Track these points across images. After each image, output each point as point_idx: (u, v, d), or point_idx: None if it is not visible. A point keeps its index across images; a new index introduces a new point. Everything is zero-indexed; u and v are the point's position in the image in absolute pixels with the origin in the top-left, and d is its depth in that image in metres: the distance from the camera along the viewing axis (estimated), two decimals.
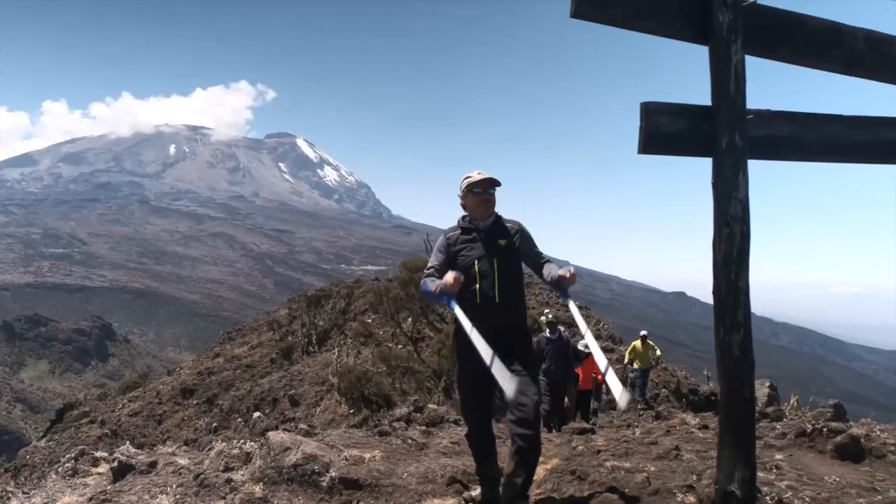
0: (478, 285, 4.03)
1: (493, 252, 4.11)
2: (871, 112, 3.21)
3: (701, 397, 18.26)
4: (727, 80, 2.91)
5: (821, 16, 3.11)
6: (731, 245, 2.89)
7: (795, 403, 13.55)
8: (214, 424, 21.34)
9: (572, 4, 2.80)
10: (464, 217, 4.30)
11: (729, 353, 2.88)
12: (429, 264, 4.23)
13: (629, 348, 17.24)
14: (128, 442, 7.96)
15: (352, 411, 16.32)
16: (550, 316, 12.09)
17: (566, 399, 10.61)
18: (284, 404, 21.34)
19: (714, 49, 2.94)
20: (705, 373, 22.33)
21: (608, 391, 12.27)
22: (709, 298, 3.05)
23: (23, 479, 15.22)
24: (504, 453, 4.08)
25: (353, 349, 21.88)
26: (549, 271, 4.22)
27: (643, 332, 16.96)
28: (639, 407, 15.10)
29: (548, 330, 10.77)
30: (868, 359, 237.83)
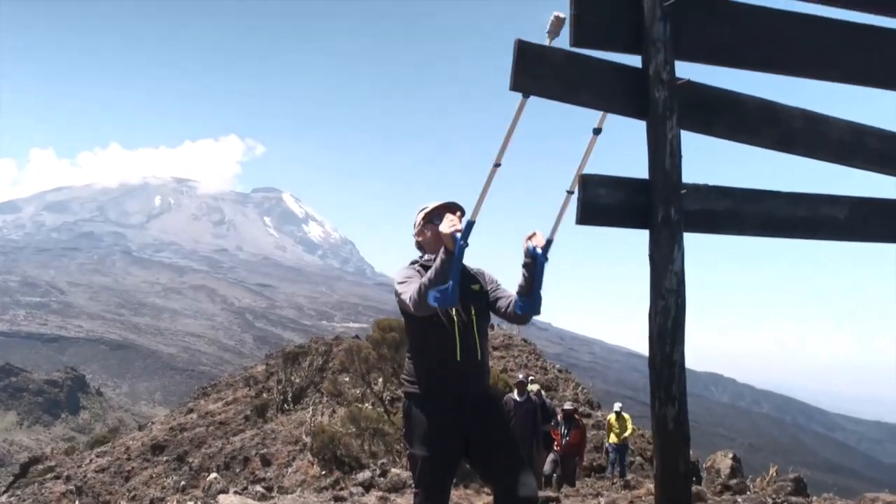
0: (458, 340, 3.30)
1: (469, 298, 3.38)
2: (804, 187, 3.29)
3: None
4: (663, 155, 2.97)
5: (757, 94, 3.20)
6: (665, 317, 2.90)
7: (775, 474, 13.39)
8: (182, 483, 20.83)
9: (511, 77, 2.87)
10: (420, 258, 3.57)
11: (664, 427, 2.87)
12: (400, 280, 3.40)
13: (607, 426, 16.30)
14: (77, 502, 7.74)
15: (324, 472, 15.97)
16: (522, 377, 11.87)
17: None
18: (256, 463, 20.88)
19: (651, 124, 3.02)
20: None
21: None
22: (691, 365, 3.00)
23: None
24: None
25: (327, 408, 21.57)
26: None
27: (617, 406, 16.23)
28: (615, 483, 14.79)
29: (516, 391, 10.53)
30: (850, 429, 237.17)
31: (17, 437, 69.38)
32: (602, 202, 2.96)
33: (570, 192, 3.10)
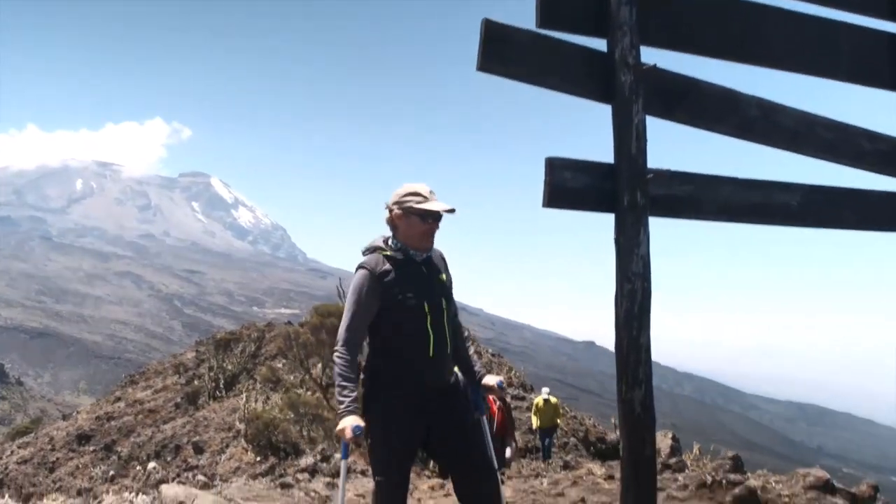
0: (431, 334, 3.27)
1: (439, 290, 3.37)
2: (760, 174, 3.35)
3: (609, 445, 18.51)
4: (629, 140, 2.98)
5: (720, 82, 3.24)
6: (632, 301, 2.92)
7: (697, 452, 13.89)
8: (111, 473, 20.20)
9: (478, 58, 2.83)
10: (387, 240, 3.41)
11: (631, 411, 2.89)
12: (344, 324, 3.28)
13: (533, 407, 16.64)
14: (7, 495, 7.43)
15: (258, 459, 15.74)
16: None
17: None
18: (188, 451, 20.42)
19: (616, 109, 3.02)
20: (613, 421, 22.69)
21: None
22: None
23: None
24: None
25: (261, 395, 21.24)
26: (469, 361, 3.60)
27: (545, 391, 16.43)
28: (551, 463, 14.95)
29: None
30: (764, 408, 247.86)
31: None
32: (568, 185, 2.94)
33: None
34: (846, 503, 5.21)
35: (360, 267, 3.33)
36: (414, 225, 3.30)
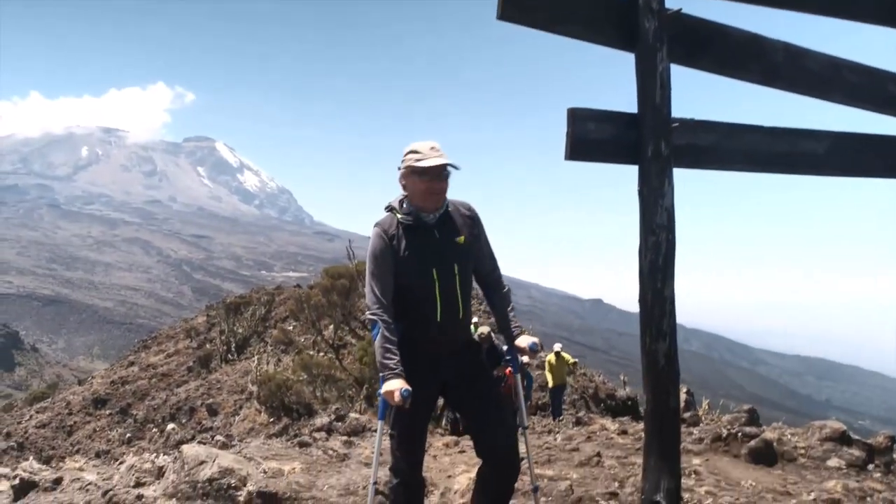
0: (438, 301, 3.19)
1: (452, 255, 3.25)
2: (785, 123, 3.26)
3: (618, 402, 18.60)
4: (653, 89, 2.90)
5: (744, 27, 3.15)
6: (657, 253, 2.88)
7: (706, 407, 13.97)
8: (128, 435, 20.54)
9: (498, 7, 2.74)
10: (402, 201, 3.33)
11: (655, 363, 2.87)
12: (369, 291, 3.22)
13: (546, 363, 16.16)
14: (31, 457, 7.55)
15: (272, 420, 15.95)
16: (486, 330, 10.38)
17: None
18: (202, 414, 20.72)
19: (640, 56, 2.94)
20: (622, 377, 22.78)
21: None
22: (624, 305, 2.99)
23: None
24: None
25: (273, 357, 21.44)
26: (506, 320, 3.48)
27: (557, 347, 15.91)
28: (561, 420, 14.76)
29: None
30: (772, 363, 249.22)
31: None
32: (591, 137, 2.88)
33: None
34: (863, 454, 5.21)
35: (375, 226, 3.30)
36: (415, 184, 3.21)
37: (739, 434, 5.60)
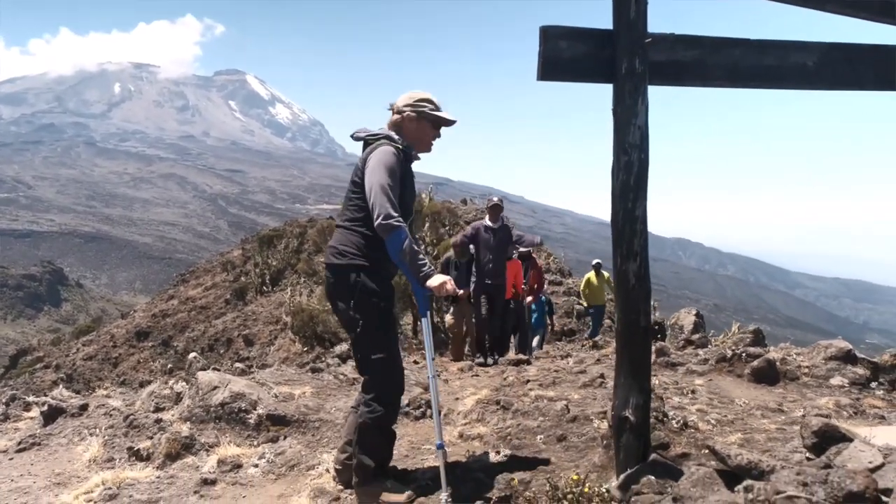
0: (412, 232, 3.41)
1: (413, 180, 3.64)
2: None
3: None
4: (627, 3, 2.83)
5: None
6: (628, 173, 2.85)
7: (736, 330, 13.87)
8: (170, 366, 21.27)
9: None
10: (401, 143, 3.50)
11: (625, 282, 2.88)
12: (386, 200, 3.24)
13: (583, 282, 15.33)
14: (61, 385, 7.90)
15: (305, 349, 16.36)
16: (496, 199, 8.91)
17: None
18: (239, 344, 21.33)
19: None
20: (653, 302, 22.72)
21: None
22: (662, 229, 2.98)
23: None
24: None
25: (305, 288, 21.82)
26: None
27: (596, 262, 14.96)
28: (585, 345, 14.18)
29: (488, 216, 8.59)
30: (810, 286, 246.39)
31: (2, 331, 69.90)
32: (564, 56, 2.83)
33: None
34: (867, 372, 5.21)
35: (392, 144, 3.44)
36: (425, 130, 3.52)
37: (743, 354, 5.63)
